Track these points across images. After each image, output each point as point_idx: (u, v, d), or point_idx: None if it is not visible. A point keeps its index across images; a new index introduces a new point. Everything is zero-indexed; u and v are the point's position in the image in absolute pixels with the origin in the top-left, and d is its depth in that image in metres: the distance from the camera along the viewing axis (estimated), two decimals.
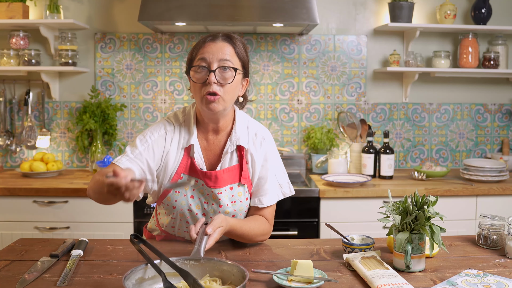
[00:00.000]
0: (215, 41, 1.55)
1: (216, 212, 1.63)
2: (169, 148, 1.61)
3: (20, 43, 3.17)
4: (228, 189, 1.63)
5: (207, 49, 1.54)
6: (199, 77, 1.54)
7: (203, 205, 1.63)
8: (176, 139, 1.62)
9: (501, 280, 1.33)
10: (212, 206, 1.63)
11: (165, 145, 1.61)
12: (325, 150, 3.29)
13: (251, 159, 1.66)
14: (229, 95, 1.55)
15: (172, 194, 1.62)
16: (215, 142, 1.66)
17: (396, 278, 1.32)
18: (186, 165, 1.61)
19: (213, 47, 1.54)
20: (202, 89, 1.54)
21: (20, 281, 1.32)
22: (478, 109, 3.50)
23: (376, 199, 2.78)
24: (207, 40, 1.56)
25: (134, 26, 3.31)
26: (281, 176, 1.73)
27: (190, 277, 1.17)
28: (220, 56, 1.53)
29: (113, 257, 1.56)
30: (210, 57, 1.53)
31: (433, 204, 1.42)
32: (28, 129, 3.26)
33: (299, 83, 3.40)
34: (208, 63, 1.53)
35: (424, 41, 3.40)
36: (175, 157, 1.61)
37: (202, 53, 1.54)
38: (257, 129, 1.69)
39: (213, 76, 1.51)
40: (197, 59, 1.55)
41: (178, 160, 1.61)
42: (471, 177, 2.98)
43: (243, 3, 2.85)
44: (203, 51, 1.55)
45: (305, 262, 1.33)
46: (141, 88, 3.37)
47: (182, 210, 1.63)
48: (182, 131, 1.64)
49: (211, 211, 1.64)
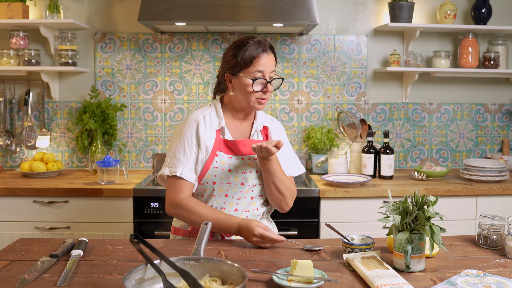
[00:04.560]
0: (268, 53, 1.80)
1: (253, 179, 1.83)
2: (204, 134, 1.82)
3: (20, 43, 3.17)
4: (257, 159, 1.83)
5: (263, 61, 1.78)
6: (259, 86, 1.79)
7: (240, 174, 1.81)
8: (208, 124, 1.84)
9: (501, 280, 1.33)
10: (250, 174, 1.82)
11: (200, 130, 1.82)
12: (325, 150, 3.29)
13: (274, 135, 1.94)
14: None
15: (211, 170, 1.80)
16: (241, 127, 1.91)
17: (396, 278, 1.32)
18: (219, 143, 1.83)
19: (267, 60, 1.79)
20: (257, 94, 1.79)
21: (20, 281, 1.32)
22: (478, 109, 3.50)
23: (376, 199, 2.78)
24: (261, 52, 1.78)
25: (134, 26, 3.31)
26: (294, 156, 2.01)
27: (190, 277, 1.17)
28: (272, 68, 1.81)
29: (113, 257, 1.56)
30: (266, 68, 1.78)
31: (433, 204, 1.42)
32: (28, 129, 3.26)
33: (299, 83, 3.40)
34: (263, 75, 1.78)
35: (424, 41, 3.40)
36: (210, 138, 1.83)
37: (259, 65, 1.77)
38: (271, 117, 2.02)
39: (270, 87, 1.80)
40: (255, 71, 1.77)
41: (212, 140, 1.83)
42: (471, 177, 2.98)
43: (243, 3, 2.85)
44: (260, 63, 1.77)
45: (305, 262, 1.34)
46: (141, 88, 3.37)
47: (222, 184, 1.80)
48: (211, 117, 1.86)
49: (249, 178, 1.82)
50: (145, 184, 2.87)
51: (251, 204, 1.85)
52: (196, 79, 3.36)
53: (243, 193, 1.83)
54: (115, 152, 3.38)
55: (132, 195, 2.74)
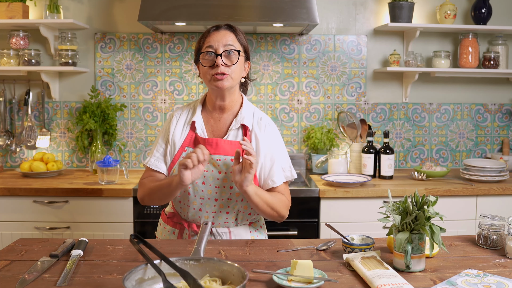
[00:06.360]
0: (219, 30, 1.77)
1: (215, 179, 1.74)
2: (175, 126, 1.82)
3: (20, 43, 3.17)
4: (228, 159, 1.74)
5: (212, 37, 1.75)
6: (208, 62, 1.74)
7: (202, 172, 1.72)
8: (182, 119, 1.84)
9: (501, 280, 1.33)
10: (212, 173, 1.74)
11: (171, 125, 1.83)
12: (325, 150, 3.29)
13: (255, 139, 1.80)
14: (235, 74, 1.76)
15: (176, 166, 1.78)
16: (220, 120, 1.83)
17: (396, 278, 1.32)
18: (190, 139, 1.81)
19: (217, 35, 1.75)
20: (211, 71, 1.73)
21: (20, 281, 1.32)
22: (478, 109, 3.50)
23: (376, 199, 2.78)
24: (212, 30, 1.77)
25: (134, 26, 3.31)
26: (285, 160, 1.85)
27: (190, 277, 1.17)
28: (224, 42, 1.74)
29: (113, 257, 1.56)
30: (216, 43, 1.73)
31: (433, 204, 1.42)
32: (28, 129, 3.26)
33: (299, 83, 3.40)
34: (214, 49, 1.73)
35: (424, 41, 3.40)
36: (180, 133, 1.82)
37: (209, 42, 1.75)
38: (262, 115, 1.86)
39: (220, 59, 1.72)
40: (205, 47, 1.75)
41: (183, 135, 1.82)
42: (471, 177, 2.98)
43: (243, 3, 2.85)
44: (209, 39, 1.75)
45: (305, 262, 1.33)
46: (141, 88, 3.37)
47: None
48: (188, 111, 1.86)
49: (210, 178, 1.74)
50: None
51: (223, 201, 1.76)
52: (196, 79, 3.36)
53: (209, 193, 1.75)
54: (115, 152, 3.38)
55: (132, 195, 2.74)
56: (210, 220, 1.78)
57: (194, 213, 1.79)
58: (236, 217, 1.81)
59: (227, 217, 1.79)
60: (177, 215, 1.86)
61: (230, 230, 1.81)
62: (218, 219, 1.79)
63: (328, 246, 1.66)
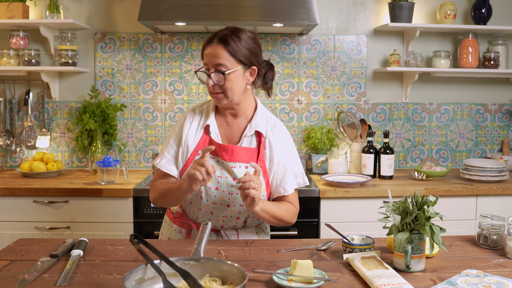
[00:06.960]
0: (211, 43, 1.69)
1: (229, 186, 1.72)
2: (188, 129, 1.79)
3: (20, 43, 3.17)
4: (243, 166, 1.73)
5: (206, 52, 1.70)
6: (203, 80, 1.71)
7: (216, 178, 1.72)
8: (196, 121, 1.81)
9: (501, 280, 1.33)
10: (226, 180, 1.72)
11: (184, 127, 1.80)
12: (325, 150, 3.29)
13: (269, 146, 1.78)
14: (230, 91, 1.70)
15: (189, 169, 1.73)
16: (234, 125, 1.81)
17: (396, 278, 1.32)
18: (204, 143, 1.78)
19: (210, 52, 1.69)
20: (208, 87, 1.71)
21: (20, 281, 1.32)
22: (478, 109, 3.50)
23: (376, 199, 2.78)
24: (206, 43, 1.71)
25: (134, 26, 3.31)
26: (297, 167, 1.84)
27: (190, 277, 1.17)
28: (215, 61, 1.67)
29: (113, 257, 1.56)
30: (208, 62, 1.69)
31: (433, 204, 1.42)
32: (28, 129, 3.26)
33: (299, 83, 3.40)
34: (207, 68, 1.70)
35: (424, 41, 3.40)
36: (194, 136, 1.79)
37: (204, 57, 1.71)
38: (276, 122, 1.84)
39: (210, 80, 1.68)
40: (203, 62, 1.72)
41: (197, 139, 1.79)
42: (471, 177, 2.98)
43: (243, 3, 2.85)
44: (204, 54, 1.71)
45: (305, 262, 1.33)
46: (141, 88, 3.37)
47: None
48: (202, 114, 1.83)
49: (224, 184, 1.73)
50: (145, 184, 2.87)
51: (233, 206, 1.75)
52: (196, 79, 3.36)
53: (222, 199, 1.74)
54: (115, 152, 3.38)
55: (132, 195, 2.74)
56: (220, 223, 1.79)
57: (205, 216, 1.79)
58: (245, 220, 1.82)
59: (237, 221, 1.80)
60: (185, 215, 1.85)
61: (238, 232, 1.82)
62: (228, 223, 1.80)
63: (328, 246, 1.66)
